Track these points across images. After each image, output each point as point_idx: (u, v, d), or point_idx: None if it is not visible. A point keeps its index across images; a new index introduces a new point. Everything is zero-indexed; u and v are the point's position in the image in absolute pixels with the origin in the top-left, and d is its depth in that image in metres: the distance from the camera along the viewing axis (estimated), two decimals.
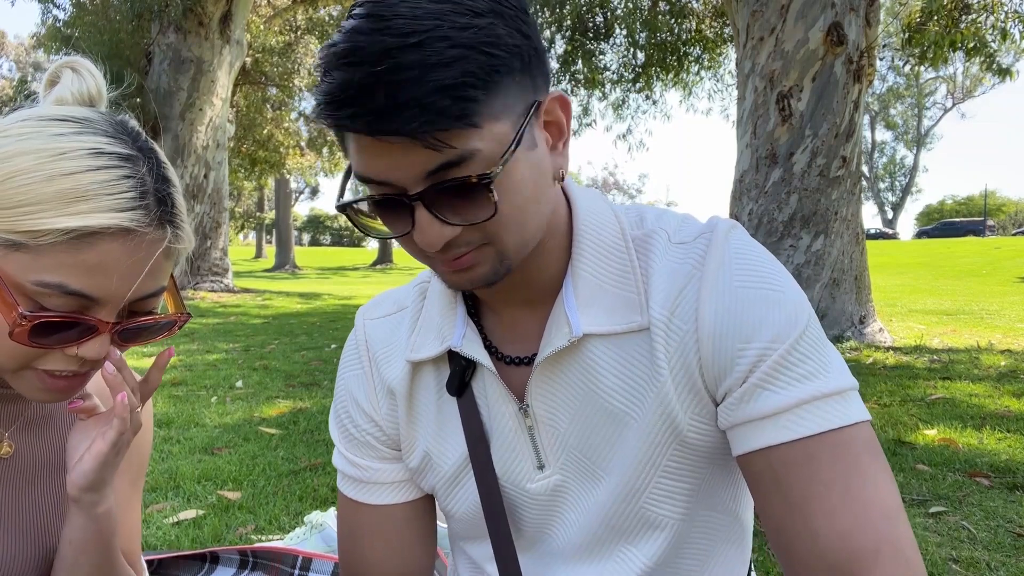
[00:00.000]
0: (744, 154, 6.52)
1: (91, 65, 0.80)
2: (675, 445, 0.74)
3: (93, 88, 0.79)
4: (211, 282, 11.85)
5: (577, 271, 0.75)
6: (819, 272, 6.03)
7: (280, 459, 3.01)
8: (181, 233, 0.74)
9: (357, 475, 0.88)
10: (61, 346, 0.70)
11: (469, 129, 0.59)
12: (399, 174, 0.62)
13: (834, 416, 0.66)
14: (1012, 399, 3.92)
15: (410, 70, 0.56)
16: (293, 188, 37.73)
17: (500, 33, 0.60)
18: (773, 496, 0.68)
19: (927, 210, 65.20)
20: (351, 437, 0.88)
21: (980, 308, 9.58)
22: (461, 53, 0.58)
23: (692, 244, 0.74)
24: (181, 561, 1.76)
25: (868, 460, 0.66)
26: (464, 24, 0.58)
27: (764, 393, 0.68)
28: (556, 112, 0.69)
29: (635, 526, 0.78)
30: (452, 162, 0.60)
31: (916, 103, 52.03)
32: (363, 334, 0.89)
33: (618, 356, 0.74)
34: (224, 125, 12.31)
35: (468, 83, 0.58)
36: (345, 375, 0.90)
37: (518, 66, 0.62)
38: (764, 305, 0.69)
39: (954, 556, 2.02)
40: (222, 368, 5.22)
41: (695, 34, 10.96)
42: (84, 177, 0.67)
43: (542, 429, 0.78)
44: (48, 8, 12.91)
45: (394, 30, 0.57)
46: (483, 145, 0.61)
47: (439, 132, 0.58)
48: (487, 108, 0.60)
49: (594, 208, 0.78)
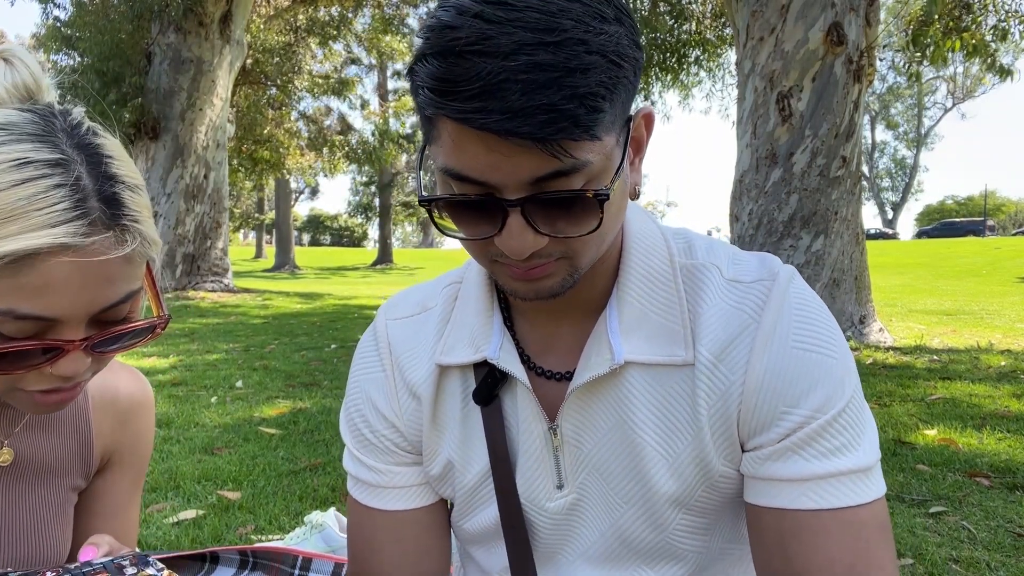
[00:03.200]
0: (744, 154, 6.52)
1: (24, 53, 0.70)
2: (705, 486, 0.74)
3: (30, 79, 0.69)
4: (211, 282, 11.85)
5: (623, 295, 0.73)
6: (819, 272, 6.03)
7: (280, 459, 3.01)
8: (137, 233, 0.66)
9: (372, 480, 0.84)
10: (31, 370, 0.66)
11: (592, 140, 0.57)
12: (501, 176, 0.58)
13: (854, 495, 0.66)
14: (1012, 399, 3.92)
15: (549, 71, 0.53)
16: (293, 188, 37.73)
17: (624, 43, 0.58)
18: (775, 553, 0.68)
19: (927, 210, 65.18)
20: (366, 441, 0.84)
21: (980, 308, 9.58)
22: (596, 61, 0.55)
23: (749, 287, 0.72)
24: (181, 561, 1.76)
25: (876, 543, 0.66)
26: (598, 29, 0.55)
27: (795, 458, 0.68)
28: (640, 128, 0.67)
29: (656, 554, 0.78)
30: (563, 171, 0.57)
31: (916, 103, 52.03)
32: (385, 334, 0.84)
33: (656, 391, 0.73)
34: (224, 125, 12.30)
35: (600, 93, 0.55)
36: (361, 376, 0.85)
37: (633, 80, 0.60)
38: (816, 371, 0.68)
39: (954, 556, 2.02)
40: (222, 368, 5.22)
41: (695, 35, 10.96)
42: (8, 195, 0.60)
43: (567, 450, 0.77)
44: (48, 8, 12.92)
45: (529, 24, 0.53)
46: (594, 158, 0.58)
47: (566, 140, 0.55)
48: (609, 119, 0.58)
49: (645, 231, 0.75)
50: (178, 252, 11.49)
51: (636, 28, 0.61)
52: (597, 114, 0.55)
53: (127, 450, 0.94)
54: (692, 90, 12.47)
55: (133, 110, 11.15)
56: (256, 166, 18.82)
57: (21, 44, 0.83)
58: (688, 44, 11.04)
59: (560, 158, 0.56)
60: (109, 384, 0.92)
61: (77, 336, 0.66)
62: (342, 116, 22.88)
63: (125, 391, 0.93)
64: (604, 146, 0.59)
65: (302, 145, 20.35)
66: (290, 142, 19.26)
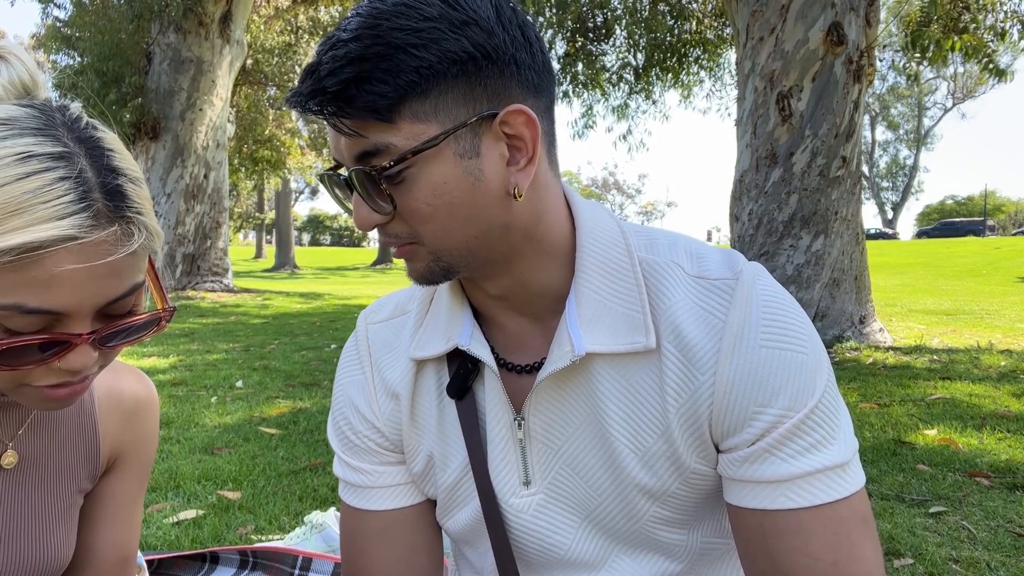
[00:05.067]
0: (744, 154, 6.52)
1: (19, 49, 0.70)
2: (679, 482, 0.74)
3: (26, 76, 0.69)
4: (211, 282, 11.85)
5: (580, 288, 0.73)
6: (819, 272, 6.03)
7: (280, 459, 3.01)
8: (141, 225, 0.66)
9: (359, 481, 0.86)
10: (39, 365, 0.67)
11: (380, 123, 0.63)
12: (340, 155, 0.68)
13: (832, 490, 0.67)
14: (1012, 399, 3.92)
15: (337, 61, 0.61)
16: (293, 188, 37.73)
17: (440, 39, 0.62)
18: (760, 554, 0.69)
19: (927, 210, 65.21)
20: (350, 443, 0.87)
21: (980, 308, 9.58)
22: (384, 51, 0.61)
23: (713, 283, 0.72)
24: (181, 561, 1.76)
25: (858, 535, 0.67)
26: (402, 26, 0.61)
27: (771, 459, 0.68)
28: (519, 128, 0.67)
29: (635, 543, 0.78)
30: (368, 151, 0.64)
31: (917, 103, 52.03)
32: (365, 338, 0.87)
33: (623, 383, 0.73)
34: (224, 125, 12.30)
35: (380, 79, 0.61)
36: (343, 381, 0.88)
37: (456, 72, 0.63)
38: (787, 368, 0.68)
39: (954, 556, 2.02)
40: (222, 368, 5.22)
41: (695, 35, 10.96)
42: (13, 188, 0.60)
43: (534, 445, 0.77)
44: (48, 8, 12.91)
45: (350, 27, 0.63)
46: (398, 141, 0.63)
47: (347, 120, 0.63)
48: (406, 107, 0.62)
49: (599, 224, 0.76)
50: (178, 252, 11.49)
51: (485, 27, 0.64)
52: (377, 98, 0.61)
53: (132, 451, 0.94)
54: (692, 90, 12.46)
55: (133, 110, 11.15)
56: (257, 166, 18.82)
57: (20, 44, 0.83)
58: (688, 44, 11.03)
59: (350, 136, 0.64)
60: (114, 385, 0.91)
61: (84, 330, 0.66)
62: None
63: (130, 392, 0.93)
64: (413, 132, 0.63)
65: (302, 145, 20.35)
66: (291, 142, 19.26)
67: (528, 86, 0.67)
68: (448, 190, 0.65)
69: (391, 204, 0.66)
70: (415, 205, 0.66)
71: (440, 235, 0.68)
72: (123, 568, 0.93)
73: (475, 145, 0.65)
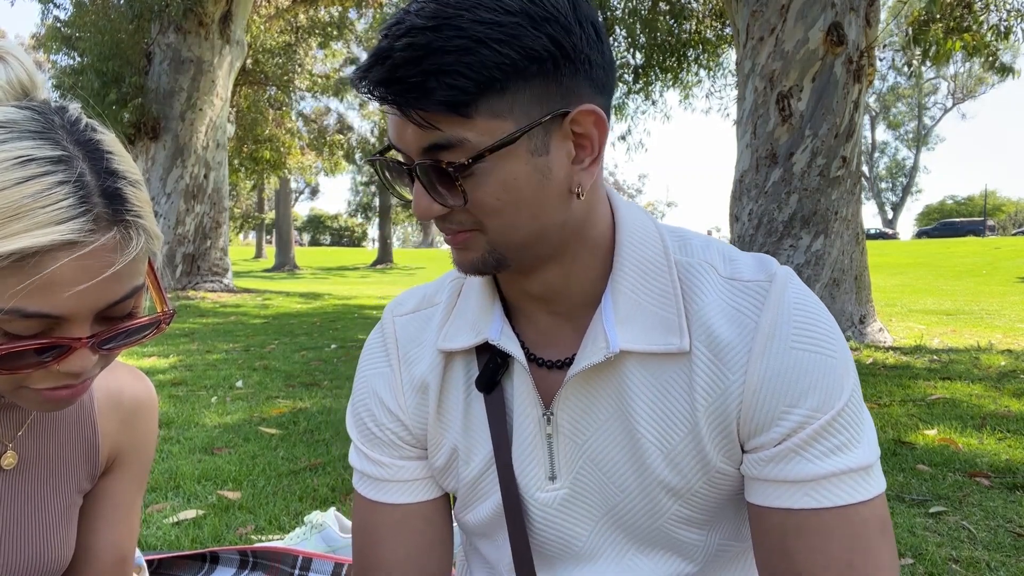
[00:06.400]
0: (744, 154, 6.52)
1: (18, 50, 0.69)
2: (703, 481, 0.75)
3: (24, 76, 0.68)
4: (211, 282, 11.85)
5: (617, 287, 0.74)
6: (819, 272, 6.03)
7: (280, 459, 3.01)
8: (140, 228, 0.66)
9: (377, 473, 0.85)
10: (38, 368, 0.66)
11: (456, 117, 0.62)
12: (404, 144, 0.66)
13: (856, 492, 0.68)
14: (1012, 399, 3.92)
15: (416, 50, 0.60)
16: (293, 188, 37.73)
17: (521, 35, 0.61)
18: (776, 552, 0.69)
19: (927, 210, 65.18)
20: (371, 435, 0.86)
21: (980, 308, 9.58)
22: (466, 44, 0.59)
23: (746, 286, 0.73)
24: (181, 561, 1.76)
25: (876, 539, 0.67)
26: (484, 19, 0.60)
27: (797, 459, 0.68)
28: (588, 127, 0.67)
29: (653, 542, 0.79)
30: (440, 144, 0.63)
31: (917, 103, 52.03)
32: (392, 330, 0.87)
33: (653, 382, 0.74)
34: (224, 125, 12.31)
35: (462, 73, 0.60)
36: (367, 372, 0.87)
37: (535, 70, 0.62)
38: (816, 371, 0.69)
39: (954, 556, 2.02)
40: (222, 368, 5.22)
41: (694, 35, 10.96)
42: (12, 193, 0.59)
43: (562, 440, 0.78)
44: (48, 8, 12.91)
45: (425, 13, 0.61)
46: (473, 137, 0.62)
47: (422, 112, 0.61)
48: (484, 102, 0.61)
49: (638, 225, 0.77)
50: (178, 252, 11.49)
51: (565, 24, 0.63)
52: (457, 92, 0.60)
53: (131, 451, 0.94)
54: (692, 90, 12.46)
55: (133, 110, 11.15)
56: (257, 166, 18.83)
57: (20, 44, 0.82)
58: (688, 44, 11.03)
59: (424, 128, 0.63)
60: (113, 385, 0.92)
61: (84, 333, 0.66)
62: (340, 116, 22.89)
63: (129, 392, 0.93)
64: (488, 128, 0.62)
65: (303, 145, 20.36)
66: (291, 142, 19.27)
67: (597, 84, 0.67)
68: (518, 187, 0.65)
69: (462, 199, 0.65)
70: (484, 199, 0.66)
71: (504, 229, 0.68)
72: (121, 568, 0.93)
73: (545, 143, 0.65)
